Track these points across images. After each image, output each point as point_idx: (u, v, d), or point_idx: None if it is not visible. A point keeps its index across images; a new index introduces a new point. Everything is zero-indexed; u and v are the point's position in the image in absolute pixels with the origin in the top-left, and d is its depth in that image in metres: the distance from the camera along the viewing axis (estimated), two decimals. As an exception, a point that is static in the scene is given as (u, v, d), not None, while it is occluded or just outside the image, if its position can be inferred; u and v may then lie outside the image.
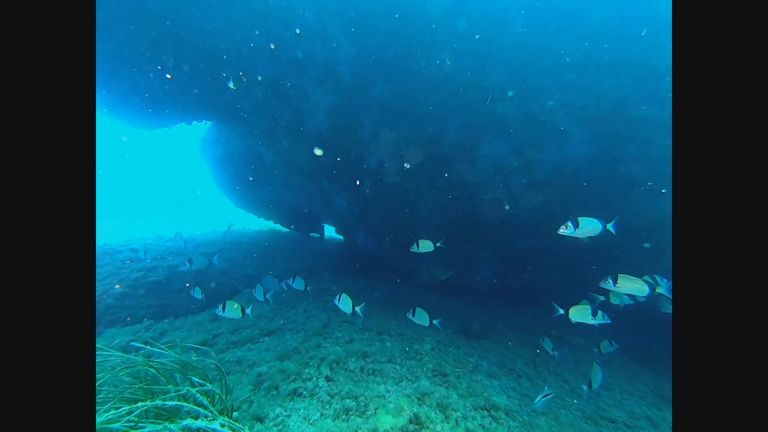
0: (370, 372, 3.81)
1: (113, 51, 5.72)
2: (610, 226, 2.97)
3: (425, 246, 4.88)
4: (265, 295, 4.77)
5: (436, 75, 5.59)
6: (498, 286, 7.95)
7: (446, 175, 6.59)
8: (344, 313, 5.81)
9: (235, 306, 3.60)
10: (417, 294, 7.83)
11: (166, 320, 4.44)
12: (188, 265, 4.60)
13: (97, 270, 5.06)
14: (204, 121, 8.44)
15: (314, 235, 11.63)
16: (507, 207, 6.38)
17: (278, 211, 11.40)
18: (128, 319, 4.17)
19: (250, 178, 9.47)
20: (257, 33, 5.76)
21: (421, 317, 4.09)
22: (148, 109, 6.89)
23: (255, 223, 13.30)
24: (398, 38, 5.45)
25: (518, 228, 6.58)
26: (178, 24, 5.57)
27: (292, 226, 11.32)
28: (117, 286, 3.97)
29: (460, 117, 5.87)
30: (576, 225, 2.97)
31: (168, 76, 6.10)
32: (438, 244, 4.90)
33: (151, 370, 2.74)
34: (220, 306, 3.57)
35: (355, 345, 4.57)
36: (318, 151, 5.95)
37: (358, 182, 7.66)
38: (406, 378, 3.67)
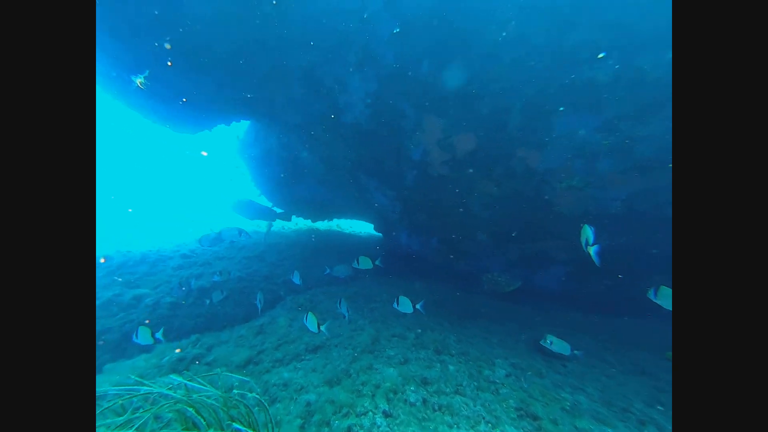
0: (436, 407, 3.17)
1: (157, 57, 5.58)
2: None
3: (364, 263, 5.14)
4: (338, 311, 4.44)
5: (495, 43, 4.66)
6: (572, 292, 6.85)
7: (507, 163, 5.65)
8: (393, 325, 5.23)
9: (315, 321, 3.60)
10: (472, 298, 7.03)
11: (212, 333, 4.20)
12: (219, 276, 4.35)
13: (150, 278, 4.98)
14: (241, 120, 8.28)
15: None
16: (589, 197, 5.29)
17: (314, 209, 11.16)
18: (175, 334, 3.98)
19: (284, 176, 9.24)
20: (294, 19, 5.25)
21: (404, 305, 4.11)
22: (190, 113, 6.80)
23: (295, 223, 13.26)
24: (448, 3, 4.60)
25: (604, 223, 5.46)
26: (216, 24, 5.25)
27: (338, 225, 11.03)
28: (147, 321, 3.78)
29: (527, 92, 4.89)
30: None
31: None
32: (377, 263, 5.23)
33: (191, 409, 2.36)
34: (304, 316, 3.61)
35: (412, 367, 3.96)
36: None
37: (399, 178, 6.98)
38: (484, 419, 2.97)
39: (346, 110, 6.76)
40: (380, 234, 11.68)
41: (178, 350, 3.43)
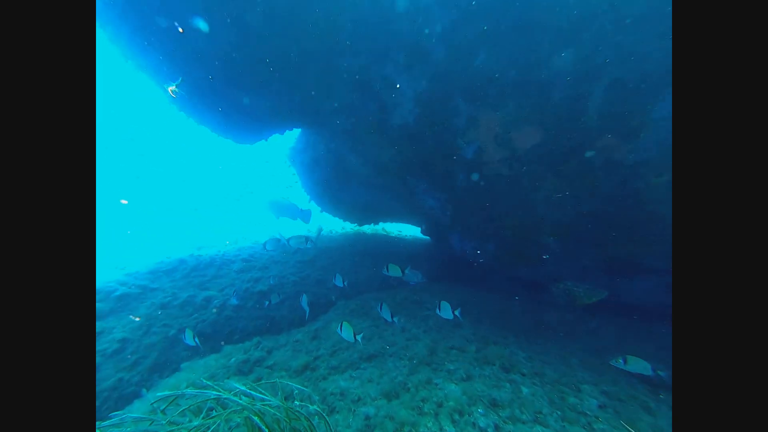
0: (512, 438, 2.76)
1: (224, 74, 6.05)
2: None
3: (394, 270, 4.96)
4: (392, 317, 4.36)
5: (572, 15, 4.10)
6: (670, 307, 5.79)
7: (582, 156, 4.96)
8: (450, 336, 4.87)
9: (351, 330, 3.63)
10: (539, 310, 6.32)
11: (271, 336, 4.30)
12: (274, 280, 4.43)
13: (217, 281, 5.32)
14: (294, 129, 8.65)
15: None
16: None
17: (361, 212, 11.21)
18: (239, 335, 4.15)
19: (332, 180, 9.40)
20: (344, 25, 5.29)
21: (445, 310, 3.96)
22: (250, 125, 7.28)
23: (342, 227, 13.54)
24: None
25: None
26: (270, 38, 5.53)
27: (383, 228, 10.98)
28: (136, 318, 3.98)
29: (615, 69, 4.22)
30: None
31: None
32: (406, 271, 5.05)
33: (256, 417, 2.34)
34: (338, 326, 3.65)
35: (476, 385, 3.57)
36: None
37: (455, 176, 6.61)
38: (576, 462, 2.48)
39: (394, 111, 6.62)
40: (428, 237, 11.31)
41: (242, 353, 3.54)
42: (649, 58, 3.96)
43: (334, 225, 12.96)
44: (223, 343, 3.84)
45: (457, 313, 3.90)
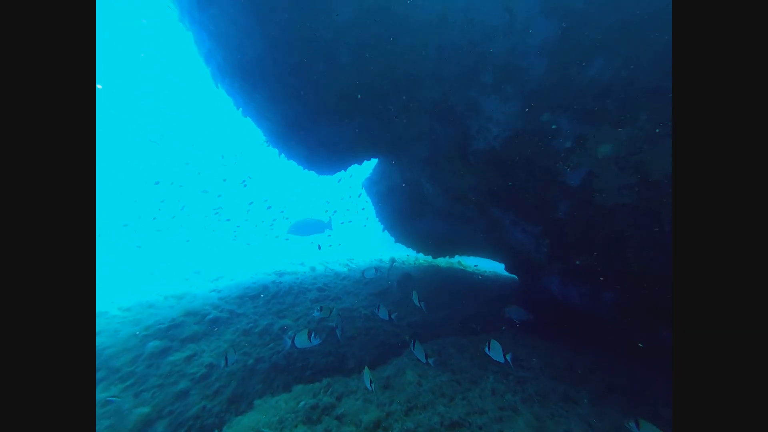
0: None
1: (315, 109, 6.62)
2: None
3: (495, 350, 3.70)
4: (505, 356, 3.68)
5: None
6: None
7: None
8: (563, 416, 3.69)
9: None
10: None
11: (341, 378, 3.94)
12: (319, 312, 4.08)
13: (294, 309, 5.34)
14: (372, 159, 8.88)
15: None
16: None
17: (435, 244, 10.55)
18: (311, 372, 3.92)
19: (406, 210, 9.12)
20: (428, 53, 5.24)
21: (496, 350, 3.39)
22: (333, 157, 7.72)
23: (415, 258, 13.05)
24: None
25: None
26: (361, 72, 5.84)
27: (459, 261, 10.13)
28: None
29: None
30: None
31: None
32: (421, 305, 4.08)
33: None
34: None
35: None
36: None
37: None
38: None
39: (478, 136, 6.10)
40: (513, 276, 9.88)
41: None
42: None
43: (406, 257, 12.55)
44: (292, 382, 3.63)
45: (508, 358, 3.35)
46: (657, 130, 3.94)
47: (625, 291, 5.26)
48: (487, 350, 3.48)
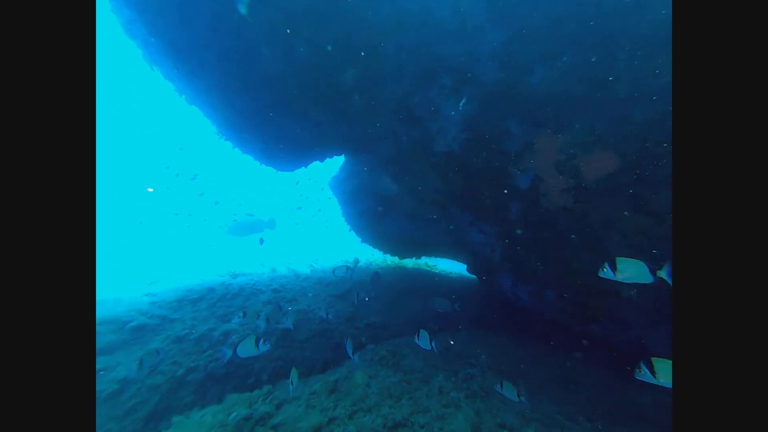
0: None
1: (270, 103, 6.38)
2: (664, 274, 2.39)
3: (423, 339, 3.62)
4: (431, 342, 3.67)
5: (653, 23, 3.37)
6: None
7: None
8: (500, 409, 3.82)
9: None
10: (626, 386, 4.88)
11: (285, 384, 3.78)
12: (240, 317, 3.87)
13: (241, 312, 5.07)
14: (334, 156, 8.76)
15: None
16: None
17: (402, 245, 10.64)
18: (254, 379, 3.72)
19: (372, 211, 9.10)
20: (387, 52, 5.23)
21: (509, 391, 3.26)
22: (291, 153, 7.51)
23: (382, 259, 13.05)
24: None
25: None
26: (319, 66, 5.71)
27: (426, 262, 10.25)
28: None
29: None
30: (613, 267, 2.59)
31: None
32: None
33: None
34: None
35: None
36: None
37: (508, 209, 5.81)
38: None
39: (438, 138, 6.22)
40: (474, 276, 10.19)
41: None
42: None
43: (373, 257, 12.53)
44: (230, 390, 3.40)
45: (523, 399, 3.28)
46: (587, 139, 4.21)
47: (563, 289, 5.60)
48: (416, 339, 3.53)
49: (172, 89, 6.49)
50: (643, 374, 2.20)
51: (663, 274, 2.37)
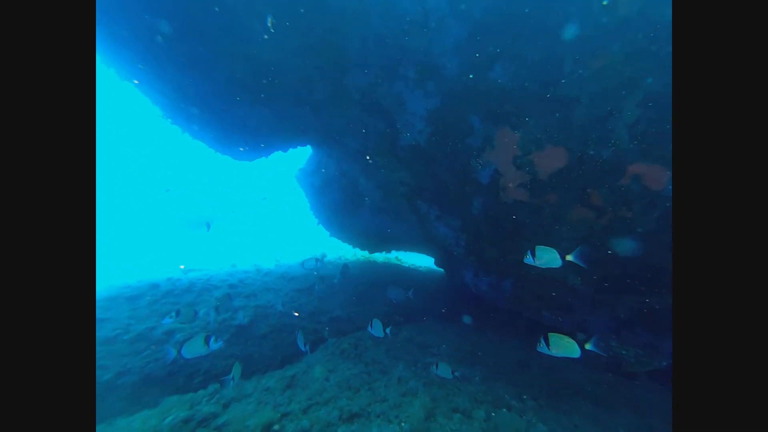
0: None
1: (226, 89, 6.01)
2: (572, 257, 2.83)
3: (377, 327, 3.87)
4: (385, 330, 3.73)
5: (598, 26, 3.58)
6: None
7: (615, 183, 4.19)
8: (455, 394, 3.95)
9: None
10: (565, 366, 5.24)
11: (240, 382, 3.62)
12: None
13: (194, 308, 4.78)
14: (299, 147, 8.49)
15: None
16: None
17: (372, 239, 10.64)
18: (202, 379, 3.51)
19: (342, 205, 9.00)
20: (352, 41, 5.10)
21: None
22: (249, 140, 7.16)
23: (352, 253, 12.98)
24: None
25: None
26: (279, 52, 5.46)
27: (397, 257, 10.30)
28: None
29: (650, 87, 3.58)
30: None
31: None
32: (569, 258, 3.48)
33: None
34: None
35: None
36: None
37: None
38: None
39: (404, 130, 6.22)
40: (442, 270, 10.44)
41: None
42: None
43: (342, 252, 12.42)
44: (171, 392, 3.16)
45: (457, 374, 3.44)
46: (539, 135, 4.42)
47: (519, 279, 5.90)
48: (369, 328, 3.63)
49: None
50: (542, 347, 2.66)
51: (571, 257, 2.83)
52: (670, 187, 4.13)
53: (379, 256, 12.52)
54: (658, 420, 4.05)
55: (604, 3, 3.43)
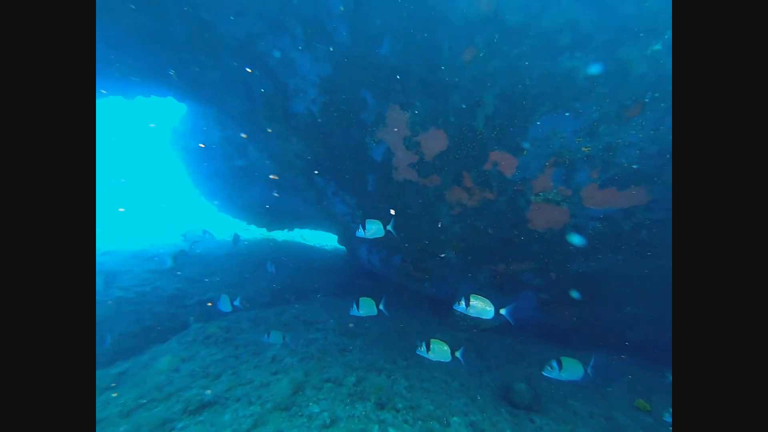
0: None
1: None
2: (504, 312, 3.07)
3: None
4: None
5: (467, 19, 3.83)
6: (543, 322, 5.95)
7: (480, 168, 4.77)
8: (330, 365, 3.97)
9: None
10: (440, 329, 5.92)
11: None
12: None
13: None
14: (167, 97, 6.93)
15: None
16: (566, 214, 4.49)
17: (268, 216, 9.79)
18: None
19: (230, 175, 7.91)
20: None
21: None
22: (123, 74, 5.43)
23: (248, 231, 11.72)
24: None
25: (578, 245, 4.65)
26: None
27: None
28: None
29: (501, 83, 4.07)
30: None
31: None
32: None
33: None
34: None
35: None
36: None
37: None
38: None
39: (296, 97, 5.69)
40: (344, 248, 10.47)
41: None
42: (531, 73, 3.89)
43: (238, 229, 11.09)
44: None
45: (287, 339, 3.62)
46: (425, 116, 4.64)
47: (406, 254, 6.36)
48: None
49: None
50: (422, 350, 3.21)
51: (504, 312, 3.15)
52: (518, 173, 4.98)
53: (280, 234, 11.72)
54: (497, 365, 4.97)
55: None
